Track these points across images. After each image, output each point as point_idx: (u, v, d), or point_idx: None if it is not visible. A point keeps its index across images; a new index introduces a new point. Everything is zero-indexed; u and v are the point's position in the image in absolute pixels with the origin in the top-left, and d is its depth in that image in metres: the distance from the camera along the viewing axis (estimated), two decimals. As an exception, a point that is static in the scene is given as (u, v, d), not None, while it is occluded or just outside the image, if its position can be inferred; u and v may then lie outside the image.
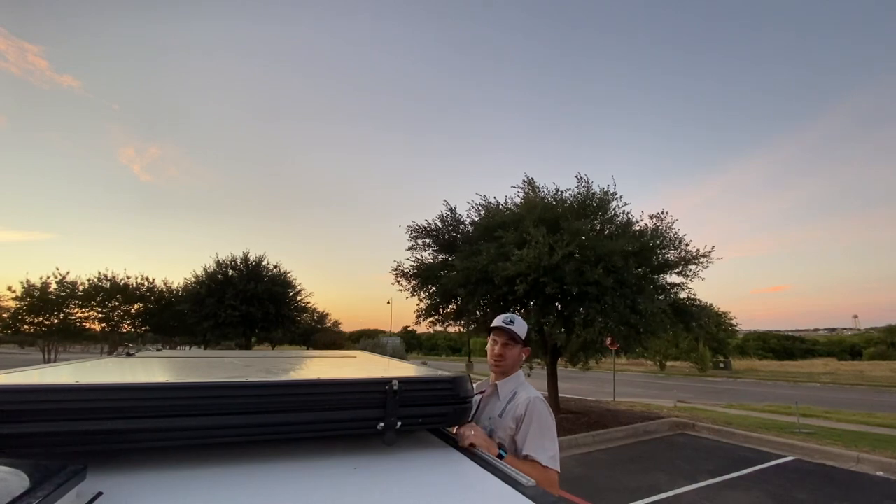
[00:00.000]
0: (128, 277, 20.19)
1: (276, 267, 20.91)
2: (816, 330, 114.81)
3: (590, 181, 10.25)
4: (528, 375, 10.40)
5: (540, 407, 1.62)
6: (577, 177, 10.31)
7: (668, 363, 33.12)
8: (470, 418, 1.61)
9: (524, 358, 1.86)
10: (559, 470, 1.56)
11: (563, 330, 9.23)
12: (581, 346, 9.58)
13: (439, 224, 11.48)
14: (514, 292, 8.85)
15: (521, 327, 1.81)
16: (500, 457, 1.31)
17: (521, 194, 10.93)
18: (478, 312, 10.67)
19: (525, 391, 1.71)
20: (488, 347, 1.85)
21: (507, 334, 1.79)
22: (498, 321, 1.82)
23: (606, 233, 9.77)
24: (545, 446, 1.55)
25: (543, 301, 9.41)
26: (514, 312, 2.24)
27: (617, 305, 8.60)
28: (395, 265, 11.74)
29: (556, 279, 8.58)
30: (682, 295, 10.36)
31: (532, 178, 10.97)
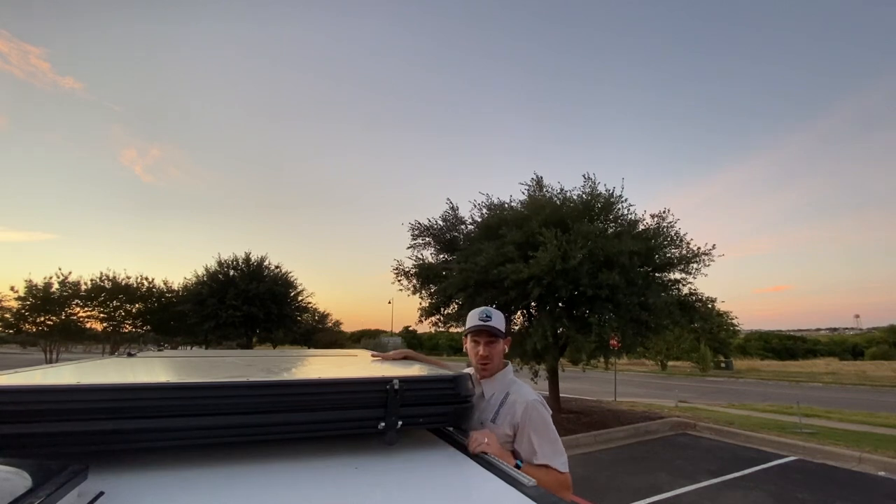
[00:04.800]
0: (128, 278, 20.25)
1: (277, 267, 20.95)
2: (818, 330, 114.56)
3: (596, 181, 10.27)
4: (519, 369, 10.39)
5: (540, 411, 1.49)
6: (584, 176, 10.31)
7: (670, 363, 33.08)
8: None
9: (506, 350, 1.73)
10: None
11: (579, 331, 9.25)
12: (597, 346, 9.63)
13: (441, 223, 11.47)
14: (524, 296, 8.82)
15: (498, 319, 1.66)
16: (517, 466, 1.22)
17: (527, 193, 10.91)
18: None
19: (519, 392, 1.56)
20: (469, 349, 1.70)
21: (488, 332, 1.64)
22: (474, 320, 1.66)
23: (610, 232, 9.78)
24: (557, 452, 1.45)
25: (555, 304, 9.42)
26: (521, 316, 2.06)
27: (628, 304, 8.62)
28: (395, 264, 11.74)
29: (570, 282, 8.58)
30: (685, 290, 10.37)
31: (541, 178, 10.96)
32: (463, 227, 11.46)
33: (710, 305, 10.38)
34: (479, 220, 10.92)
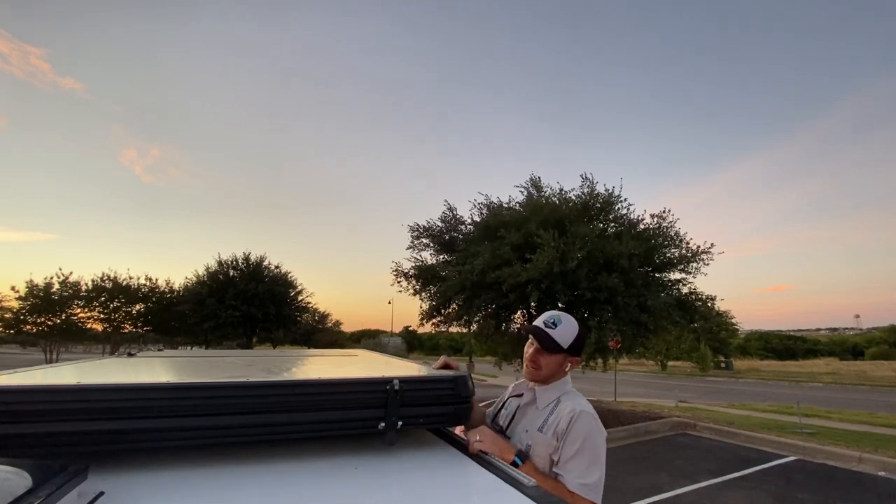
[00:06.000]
0: (129, 278, 20.25)
1: (277, 267, 20.97)
2: (818, 330, 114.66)
3: (594, 181, 10.25)
4: (518, 369, 10.42)
5: (587, 422, 1.34)
6: (582, 176, 10.29)
7: (670, 363, 33.09)
8: (505, 427, 1.51)
9: (569, 368, 1.52)
10: (597, 502, 1.29)
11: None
12: (596, 349, 9.60)
13: (440, 224, 11.47)
14: (523, 298, 8.81)
15: (565, 331, 1.46)
16: (514, 464, 1.19)
17: (525, 193, 10.90)
18: (477, 318, 10.64)
19: (570, 401, 1.43)
20: (526, 345, 1.54)
21: (543, 340, 1.44)
22: (538, 321, 1.50)
23: (609, 233, 9.77)
24: (580, 468, 1.29)
25: (554, 306, 9.42)
26: (522, 318, 1.70)
27: (627, 306, 8.60)
28: (394, 265, 11.75)
29: (567, 285, 8.55)
30: (685, 290, 10.35)
31: (538, 178, 10.95)
32: (462, 227, 11.45)
33: (709, 304, 10.38)
34: (479, 220, 10.91)
